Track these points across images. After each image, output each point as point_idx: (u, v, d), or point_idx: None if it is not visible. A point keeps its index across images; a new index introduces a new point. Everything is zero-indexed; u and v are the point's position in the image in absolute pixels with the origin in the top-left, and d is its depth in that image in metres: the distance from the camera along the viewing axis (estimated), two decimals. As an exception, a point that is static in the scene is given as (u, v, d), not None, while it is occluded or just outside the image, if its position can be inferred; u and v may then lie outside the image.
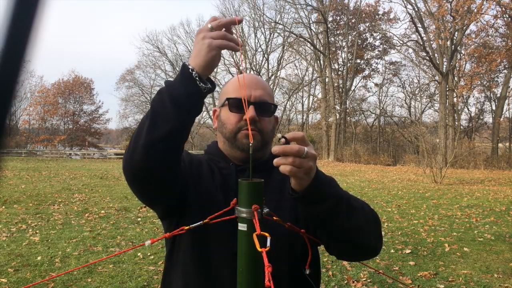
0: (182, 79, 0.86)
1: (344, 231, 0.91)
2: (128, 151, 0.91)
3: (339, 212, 0.89)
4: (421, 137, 19.29)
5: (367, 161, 28.55)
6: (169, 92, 0.86)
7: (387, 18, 34.68)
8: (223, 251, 1.05)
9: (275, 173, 1.15)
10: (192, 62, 0.86)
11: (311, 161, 0.82)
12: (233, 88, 1.13)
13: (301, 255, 1.09)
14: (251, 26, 38.48)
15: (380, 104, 39.14)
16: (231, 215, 0.88)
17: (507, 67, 26.80)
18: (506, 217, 7.86)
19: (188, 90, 0.85)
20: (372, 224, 0.97)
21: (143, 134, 0.87)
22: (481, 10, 22.95)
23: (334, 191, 0.89)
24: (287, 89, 41.48)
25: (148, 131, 0.86)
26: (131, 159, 0.90)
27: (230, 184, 1.12)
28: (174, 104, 0.85)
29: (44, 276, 4.23)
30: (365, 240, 0.95)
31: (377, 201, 9.94)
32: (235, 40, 0.88)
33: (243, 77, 1.05)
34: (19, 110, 42.71)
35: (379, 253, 1.10)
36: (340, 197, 0.89)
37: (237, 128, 1.11)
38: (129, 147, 0.92)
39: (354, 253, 1.02)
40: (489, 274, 4.50)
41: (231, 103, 1.11)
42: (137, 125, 0.93)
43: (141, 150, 0.87)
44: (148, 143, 0.86)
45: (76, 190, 11.24)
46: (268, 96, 1.14)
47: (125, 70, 52.10)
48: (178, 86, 0.86)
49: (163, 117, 0.86)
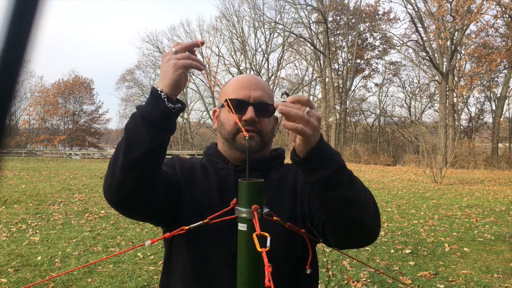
0: (151, 101, 0.89)
1: (343, 202, 0.88)
2: (108, 176, 0.94)
3: (340, 180, 0.87)
4: (421, 137, 19.30)
5: (367, 161, 28.56)
6: (141, 114, 0.89)
7: (387, 18, 34.68)
8: (221, 251, 1.05)
9: (273, 172, 1.16)
10: (160, 84, 0.90)
11: (316, 121, 0.83)
12: (233, 89, 1.14)
13: (300, 255, 1.09)
14: (251, 26, 38.52)
15: (380, 104, 39.16)
16: (231, 215, 0.88)
17: (507, 67, 26.80)
18: (506, 217, 7.86)
19: (158, 110, 0.88)
20: (371, 203, 0.95)
21: (120, 158, 0.90)
22: (481, 10, 22.96)
23: (337, 159, 0.88)
24: (287, 89, 41.53)
25: (124, 153, 0.89)
26: (111, 183, 0.92)
27: (228, 184, 1.12)
28: (147, 125, 0.88)
29: (44, 276, 4.23)
30: (363, 215, 0.92)
31: (377, 201, 9.88)
32: (199, 61, 0.93)
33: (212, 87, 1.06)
34: (19, 110, 42.75)
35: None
36: (343, 166, 0.88)
37: (236, 129, 1.11)
38: (108, 172, 0.94)
39: (351, 233, 0.96)
40: (489, 274, 4.50)
41: (230, 103, 1.12)
42: (114, 151, 0.96)
43: (119, 173, 0.90)
44: (126, 166, 0.89)
45: (76, 190, 11.24)
46: (268, 97, 1.14)
47: (125, 70, 52.06)
48: (148, 107, 0.89)
49: (137, 139, 0.89)
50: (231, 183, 1.11)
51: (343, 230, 0.95)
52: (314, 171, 0.86)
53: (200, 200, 1.10)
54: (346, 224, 0.93)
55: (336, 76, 34.64)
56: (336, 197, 0.88)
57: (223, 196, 1.08)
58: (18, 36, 0.31)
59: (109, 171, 0.94)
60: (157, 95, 0.88)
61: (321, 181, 0.86)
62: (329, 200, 0.89)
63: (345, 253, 1.40)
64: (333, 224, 0.96)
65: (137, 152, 0.88)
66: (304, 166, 0.87)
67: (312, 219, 1.06)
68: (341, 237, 0.98)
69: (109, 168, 0.94)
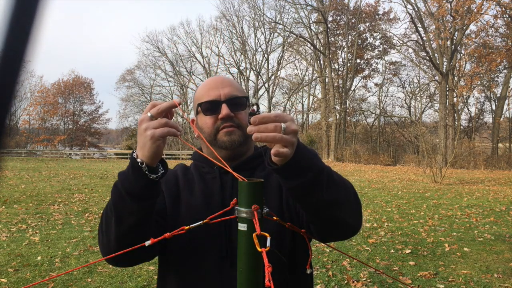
0: (133, 173, 0.88)
1: (323, 204, 0.89)
2: (103, 243, 0.98)
3: (318, 184, 0.87)
4: (421, 137, 19.30)
5: (367, 161, 28.55)
6: (124, 187, 0.89)
7: (387, 18, 34.69)
8: (211, 255, 1.06)
9: (258, 170, 1.17)
10: (140, 154, 0.87)
11: (294, 137, 0.81)
12: (203, 93, 1.15)
13: (289, 251, 1.10)
14: (251, 26, 38.53)
15: (380, 104, 39.16)
16: (231, 215, 0.88)
17: (507, 67, 26.81)
18: (506, 217, 7.86)
19: (141, 183, 0.88)
20: (352, 197, 0.96)
21: (112, 228, 0.93)
22: (481, 10, 22.96)
23: (315, 164, 0.86)
24: (287, 89, 41.54)
25: (116, 225, 0.92)
26: (108, 250, 0.96)
27: (214, 187, 1.14)
28: (131, 198, 0.89)
29: (44, 276, 4.23)
30: (345, 214, 0.94)
31: (377, 201, 9.94)
32: (176, 126, 0.89)
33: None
34: (19, 110, 42.77)
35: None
36: (321, 170, 0.87)
37: (215, 129, 1.12)
38: (103, 239, 0.98)
39: (334, 230, 0.99)
40: (489, 274, 4.50)
41: (203, 107, 1.13)
42: (103, 214, 0.98)
43: (115, 243, 0.94)
44: (119, 236, 0.93)
45: (76, 190, 11.25)
46: (237, 91, 1.15)
47: (125, 70, 52.07)
48: (131, 180, 0.88)
49: (125, 211, 0.90)
50: (217, 185, 1.14)
51: (326, 228, 0.98)
52: (292, 178, 0.85)
53: (185, 209, 1.12)
54: (328, 223, 0.96)
55: (336, 76, 34.64)
56: (316, 200, 0.88)
57: (208, 199, 1.11)
58: (18, 36, 0.31)
59: (103, 236, 0.98)
60: (138, 168, 0.87)
61: (298, 187, 0.86)
62: (309, 203, 0.90)
63: (345, 253, 1.41)
64: (316, 222, 0.98)
65: (127, 223, 0.91)
66: (281, 174, 0.86)
67: (297, 215, 1.09)
68: (324, 234, 1.02)
69: (103, 235, 0.97)
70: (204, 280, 1.06)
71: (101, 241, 0.99)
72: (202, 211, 1.07)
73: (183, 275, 1.09)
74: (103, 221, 0.97)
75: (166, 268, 1.14)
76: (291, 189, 0.88)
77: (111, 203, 0.92)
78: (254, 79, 38.83)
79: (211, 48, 43.90)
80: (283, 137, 0.78)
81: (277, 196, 1.14)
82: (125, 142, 38.31)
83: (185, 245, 1.07)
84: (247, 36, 39.12)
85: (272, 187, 1.15)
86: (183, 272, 1.09)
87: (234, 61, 40.23)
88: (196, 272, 1.07)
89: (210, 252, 1.06)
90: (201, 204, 1.11)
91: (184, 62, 41.64)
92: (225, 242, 1.06)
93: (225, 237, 1.06)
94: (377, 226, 6.89)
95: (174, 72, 42.44)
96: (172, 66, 42.05)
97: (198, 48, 41.29)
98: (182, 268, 1.09)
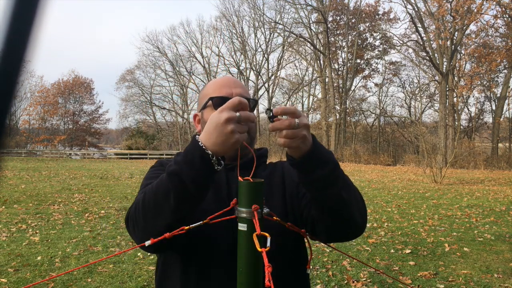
0: (201, 163, 0.86)
1: (338, 199, 0.93)
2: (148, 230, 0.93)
3: (336, 179, 0.91)
4: (421, 137, 19.30)
5: (367, 161, 28.55)
6: (190, 176, 0.87)
7: (387, 18, 34.67)
8: (216, 252, 1.06)
9: (260, 169, 1.17)
10: (210, 147, 0.86)
11: (303, 130, 0.85)
12: (214, 88, 1.16)
13: (293, 255, 1.11)
14: (251, 26, 38.51)
15: (380, 104, 39.14)
16: (231, 215, 0.88)
17: (507, 67, 26.81)
18: (506, 217, 7.86)
19: (207, 173, 0.87)
20: (359, 199, 1.01)
21: (164, 215, 0.90)
22: (481, 10, 22.95)
23: (331, 159, 0.91)
24: (287, 89, 41.52)
25: (172, 213, 0.90)
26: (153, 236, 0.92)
27: (221, 182, 1.14)
28: (196, 186, 0.88)
29: (44, 276, 4.23)
30: (355, 212, 0.97)
31: (377, 201, 9.94)
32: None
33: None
34: (19, 110, 42.74)
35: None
36: (337, 165, 0.92)
37: None
38: (147, 226, 0.94)
39: (342, 228, 1.01)
40: (489, 274, 4.50)
41: (215, 102, 1.13)
42: (144, 202, 0.93)
43: (164, 229, 0.91)
44: (171, 223, 0.91)
45: (76, 190, 11.25)
46: (247, 94, 1.18)
47: (125, 70, 52.03)
48: (198, 169, 0.87)
49: (186, 199, 0.89)
50: (223, 179, 1.14)
51: (335, 225, 0.99)
52: (311, 171, 0.89)
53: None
54: (338, 220, 0.97)
55: (336, 76, 34.64)
56: (332, 195, 0.92)
57: (217, 195, 1.10)
58: (18, 36, 0.31)
59: (146, 224, 0.93)
60: (208, 159, 0.86)
61: (318, 180, 0.89)
62: (325, 197, 0.93)
63: (345, 253, 1.41)
64: (325, 220, 0.99)
65: (185, 209, 0.91)
66: (300, 167, 0.90)
67: (301, 214, 1.10)
68: (331, 232, 1.03)
69: (146, 221, 0.93)
70: (207, 276, 1.06)
71: (141, 228, 0.95)
72: (210, 202, 1.06)
73: (186, 272, 1.08)
74: (146, 208, 0.93)
75: (168, 265, 1.13)
76: (310, 183, 0.91)
77: (165, 190, 0.89)
78: (254, 79, 38.83)
79: (211, 48, 44.00)
80: (295, 133, 0.84)
81: (280, 195, 1.14)
82: (125, 142, 38.31)
83: (192, 242, 1.06)
84: (247, 36, 39.17)
85: (275, 186, 1.16)
86: (187, 270, 1.08)
87: (234, 61, 40.23)
88: (199, 268, 1.07)
89: (218, 249, 1.06)
90: (210, 195, 1.11)
91: (184, 62, 41.69)
92: (231, 242, 1.06)
93: (231, 235, 1.06)
94: (377, 226, 6.89)
95: (174, 72, 42.45)
96: (172, 66, 42.06)
97: (198, 48, 41.33)
98: (184, 264, 1.08)
